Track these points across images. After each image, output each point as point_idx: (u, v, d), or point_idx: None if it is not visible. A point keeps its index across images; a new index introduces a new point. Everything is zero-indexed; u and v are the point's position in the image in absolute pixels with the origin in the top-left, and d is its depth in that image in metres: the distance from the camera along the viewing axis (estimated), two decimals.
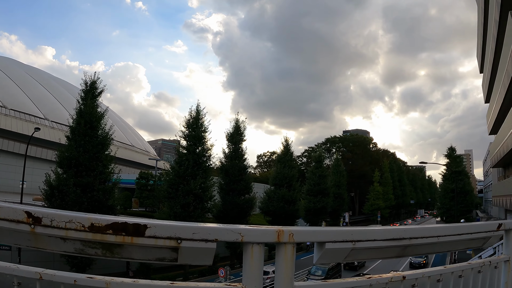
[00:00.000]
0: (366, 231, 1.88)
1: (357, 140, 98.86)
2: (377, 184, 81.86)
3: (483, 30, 38.49)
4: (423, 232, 2.12)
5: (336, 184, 63.35)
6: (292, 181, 43.92)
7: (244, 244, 1.64)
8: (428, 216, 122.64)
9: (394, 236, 1.95)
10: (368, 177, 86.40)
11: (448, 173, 51.27)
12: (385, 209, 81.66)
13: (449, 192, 50.10)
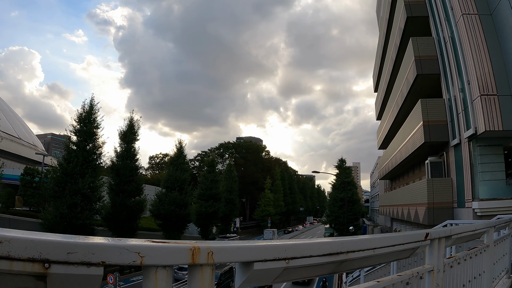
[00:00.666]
0: (301, 246, 1.66)
1: (250, 147, 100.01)
2: (268, 191, 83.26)
3: (382, 53, 41.38)
4: (360, 244, 1.98)
5: (228, 189, 63.28)
6: (184, 185, 43.28)
7: (144, 268, 1.18)
8: (317, 223, 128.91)
9: (332, 250, 1.77)
10: (260, 183, 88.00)
11: (338, 183, 54.16)
12: (276, 216, 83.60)
13: (338, 201, 53.12)
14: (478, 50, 18.82)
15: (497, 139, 19.58)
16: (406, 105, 29.65)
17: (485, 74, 18.49)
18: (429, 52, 24.58)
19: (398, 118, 33.93)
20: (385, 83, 40.10)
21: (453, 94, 22.25)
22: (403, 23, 27.38)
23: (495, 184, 19.41)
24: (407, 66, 26.90)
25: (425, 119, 23.67)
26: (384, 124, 43.43)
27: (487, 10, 19.56)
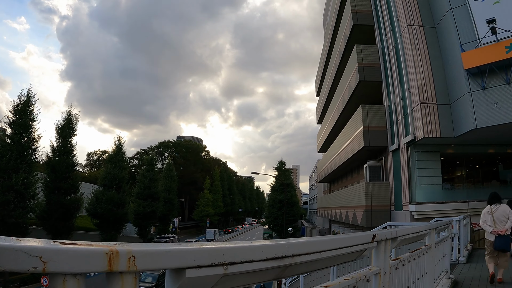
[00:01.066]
0: (241, 249, 1.49)
1: (191, 147, 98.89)
2: (208, 191, 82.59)
3: (326, 58, 42.28)
4: (307, 247, 1.84)
5: (167, 189, 61.99)
6: (122, 183, 41.71)
7: (50, 277, 0.96)
8: (256, 224, 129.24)
9: (276, 254, 1.62)
10: (199, 184, 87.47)
11: (277, 185, 54.53)
12: (215, 216, 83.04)
13: (277, 202, 53.31)
14: (420, 60, 19.62)
15: (435, 146, 20.51)
16: (347, 110, 30.36)
17: (426, 83, 19.30)
18: (372, 60, 25.39)
19: (338, 123, 34.70)
20: (327, 88, 40.90)
21: (394, 101, 23.05)
22: (348, 30, 28.05)
23: (431, 189, 20.31)
24: (350, 72, 27.62)
25: (365, 124, 24.31)
26: (325, 128, 44.35)
27: (432, 23, 20.42)
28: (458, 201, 20.40)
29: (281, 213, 50.01)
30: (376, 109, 24.86)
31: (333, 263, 2.39)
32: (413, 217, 19.82)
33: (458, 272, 9.90)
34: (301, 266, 1.87)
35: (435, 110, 18.98)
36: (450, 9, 18.67)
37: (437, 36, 20.11)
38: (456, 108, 18.55)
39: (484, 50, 16.91)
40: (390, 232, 3.39)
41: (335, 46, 35.11)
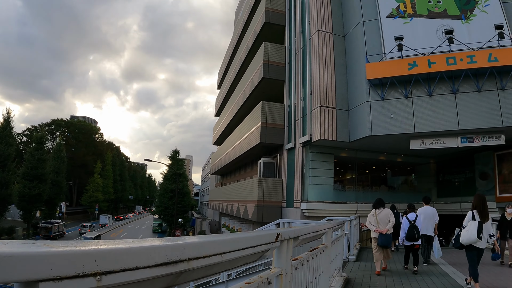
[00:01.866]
0: (122, 252, 1.09)
1: (84, 128, 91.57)
2: (98, 176, 77.93)
3: (233, 52, 41.61)
4: (206, 249, 1.50)
5: (56, 170, 57.07)
6: (8, 161, 37.98)
7: None
8: (146, 213, 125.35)
9: (168, 258, 1.26)
10: (90, 167, 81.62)
11: (169, 174, 53.13)
12: (104, 202, 78.61)
13: (168, 192, 52.05)
14: (325, 65, 19.91)
15: (330, 148, 20.99)
16: (246, 105, 30.21)
17: (328, 87, 19.64)
18: (278, 59, 25.35)
19: (236, 117, 34.49)
20: (229, 81, 40.45)
21: (294, 101, 23.21)
22: (259, 27, 27.76)
23: (323, 188, 20.77)
24: (254, 68, 27.34)
25: (264, 121, 24.21)
26: (222, 121, 43.87)
27: (342, 32, 20.84)
28: (347, 202, 21.22)
29: (172, 203, 48.76)
30: (276, 107, 24.85)
31: (234, 266, 2.03)
32: (304, 215, 20.06)
33: (349, 270, 10.16)
34: (198, 272, 1.51)
35: (333, 114, 19.36)
36: (361, 22, 19.22)
37: (345, 44, 20.58)
38: (354, 115, 19.14)
39: (388, 64, 17.70)
40: (293, 230, 3.11)
41: (243, 41, 34.67)
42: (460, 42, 16.79)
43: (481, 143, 17.17)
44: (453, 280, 8.90)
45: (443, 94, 16.97)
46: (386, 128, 17.45)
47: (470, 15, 17.89)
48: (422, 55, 17.11)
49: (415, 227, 10.11)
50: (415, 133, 17.15)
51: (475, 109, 16.43)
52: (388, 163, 25.71)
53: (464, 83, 16.73)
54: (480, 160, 21.23)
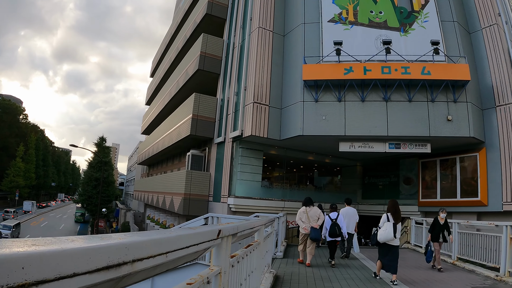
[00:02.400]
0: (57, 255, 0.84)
1: (9, 107, 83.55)
2: (20, 159, 72.17)
3: (170, 41, 40.10)
4: (152, 247, 1.32)
5: None
6: None
7: None
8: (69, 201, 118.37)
9: (111, 260, 1.02)
10: (12, 150, 74.98)
11: (95, 162, 50.59)
12: (25, 188, 72.79)
13: (93, 180, 49.49)
14: (262, 62, 19.64)
15: (260, 145, 20.82)
16: (179, 96, 29.32)
17: (263, 84, 19.40)
18: (215, 52, 24.70)
19: (168, 107, 33.44)
20: (163, 70, 39.03)
21: (227, 96, 22.78)
22: (200, 18, 26.92)
23: (251, 184, 20.55)
24: (190, 58, 26.46)
25: (195, 113, 23.51)
26: (152, 110, 42.36)
27: (282, 31, 20.69)
28: (274, 199, 21.12)
29: (96, 192, 46.35)
30: (208, 100, 24.24)
31: (174, 265, 1.74)
32: (231, 210, 19.75)
33: (277, 266, 10.23)
34: (140, 275, 1.28)
35: (266, 111, 19.15)
36: (303, 23, 19.18)
37: (284, 44, 20.46)
38: (287, 114, 19.07)
39: (325, 67, 17.82)
40: (232, 227, 3.01)
41: (182, 30, 33.50)
42: (396, 53, 17.21)
43: (408, 150, 17.84)
44: (370, 271, 9.95)
45: (375, 100, 17.34)
46: (317, 129, 17.52)
47: (409, 28, 18.54)
48: (358, 61, 17.36)
49: (336, 225, 10.91)
50: (345, 136, 17.37)
51: (405, 118, 16.97)
52: (316, 163, 26.07)
53: (397, 92, 17.23)
54: (405, 166, 22.24)
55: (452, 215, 17.75)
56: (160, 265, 1.42)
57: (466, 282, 9.11)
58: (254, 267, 4.81)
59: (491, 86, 17.86)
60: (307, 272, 9.62)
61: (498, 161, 17.11)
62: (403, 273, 9.52)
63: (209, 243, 2.17)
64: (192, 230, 1.92)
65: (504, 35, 18.42)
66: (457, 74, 16.77)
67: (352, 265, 11.08)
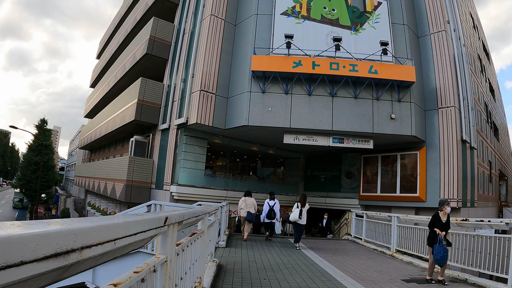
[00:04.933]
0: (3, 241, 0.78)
1: None
2: None
3: (119, 23, 38.22)
4: (100, 234, 1.22)
5: None
6: None
7: None
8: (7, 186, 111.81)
9: (60, 247, 0.97)
10: None
11: (35, 145, 48.12)
12: None
13: (32, 164, 47.12)
14: (212, 50, 19.09)
15: (204, 133, 20.36)
16: (125, 79, 28.11)
17: (210, 73, 18.88)
18: (165, 37, 23.73)
19: (112, 91, 31.99)
20: (110, 52, 37.21)
21: (175, 82, 21.97)
22: (152, 1, 25.82)
23: (194, 173, 20.10)
24: (139, 42, 25.29)
25: (141, 98, 22.61)
26: (97, 93, 40.25)
27: (234, 21, 20.23)
28: (217, 188, 20.77)
29: (36, 177, 43.87)
30: (155, 86, 23.33)
31: (121, 253, 1.62)
32: (173, 198, 19.20)
33: (220, 255, 10.22)
34: (87, 263, 1.22)
35: (212, 99, 18.70)
36: (255, 14, 18.80)
37: (235, 33, 20.00)
38: (233, 103, 18.68)
39: (274, 59, 17.55)
40: (178, 214, 2.96)
41: (132, 12, 32.01)
42: (346, 51, 17.25)
43: (351, 145, 18.04)
44: None
45: (321, 95, 17.33)
46: (263, 120, 17.28)
47: (360, 27, 18.63)
48: (308, 56, 17.24)
49: (272, 210, 14.03)
50: (290, 128, 17.25)
51: (350, 114, 17.10)
52: (259, 154, 25.87)
53: (343, 88, 17.30)
54: (348, 160, 22.62)
55: (391, 209, 18.40)
56: (108, 253, 1.36)
57: (404, 273, 9.28)
58: (198, 255, 4.82)
59: (434, 88, 18.48)
60: (250, 262, 9.64)
61: (437, 160, 17.81)
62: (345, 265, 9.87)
63: (156, 230, 2.13)
64: (140, 216, 1.86)
65: (451, 41, 19.12)
66: (403, 75, 17.09)
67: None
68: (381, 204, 19.80)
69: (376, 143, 18.26)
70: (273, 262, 9.86)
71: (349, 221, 18.19)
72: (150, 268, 2.17)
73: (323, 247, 13.72)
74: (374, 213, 15.12)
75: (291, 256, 10.97)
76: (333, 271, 8.89)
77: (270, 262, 9.76)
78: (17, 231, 0.83)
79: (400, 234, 12.30)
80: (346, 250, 13.24)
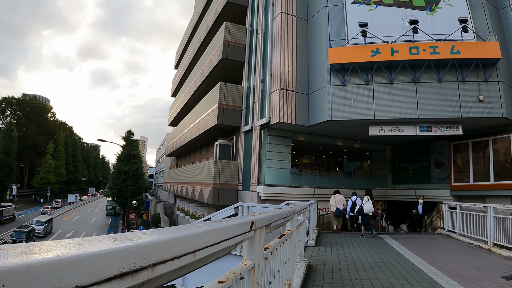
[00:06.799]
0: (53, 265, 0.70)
1: (36, 106, 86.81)
2: (50, 156, 75.30)
3: (192, 31, 40.54)
4: (176, 247, 1.16)
5: (5, 151, 54.69)
6: None
7: None
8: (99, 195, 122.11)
9: (126, 266, 0.90)
10: (41, 148, 78.52)
11: (123, 155, 51.77)
12: (56, 184, 75.88)
13: (122, 173, 50.76)
14: (287, 48, 19.61)
15: (288, 132, 20.92)
16: (204, 86, 29.68)
17: (288, 70, 19.40)
18: (239, 40, 24.85)
19: (193, 98, 33.85)
20: (187, 61, 39.54)
21: (253, 83, 22.90)
22: (221, 6, 27.11)
23: (280, 172, 20.68)
24: (214, 48, 26.70)
25: (221, 102, 23.78)
26: (178, 102, 43.01)
27: (305, 15, 20.55)
28: (304, 186, 21.26)
29: (126, 185, 47.56)
30: (234, 89, 24.44)
31: (204, 264, 1.57)
32: (260, 198, 19.97)
33: (309, 255, 10.10)
34: (163, 278, 1.12)
35: (293, 97, 19.19)
36: (326, 6, 19.01)
37: (308, 28, 20.34)
38: (314, 99, 19.05)
39: (351, 50, 17.67)
40: (265, 217, 2.85)
41: (204, 20, 33.80)
42: (424, 33, 16.92)
43: (439, 133, 17.60)
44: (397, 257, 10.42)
45: (404, 82, 17.16)
46: (346, 113, 17.50)
47: (435, 7, 18.09)
48: (385, 43, 17.17)
49: (355, 204, 15.61)
50: (374, 119, 17.27)
51: (435, 99, 16.73)
52: (345, 149, 25.95)
53: (425, 73, 16.97)
54: (436, 149, 21.91)
55: (486, 199, 17.63)
56: (187, 266, 1.30)
57: (503, 269, 8.74)
58: (287, 257, 4.72)
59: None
60: (340, 260, 9.59)
61: None
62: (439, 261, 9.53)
63: (242, 237, 2.06)
64: (223, 223, 1.79)
65: None
66: (488, 52, 16.37)
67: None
68: (474, 194, 18.83)
69: (465, 128, 17.47)
70: (364, 260, 9.70)
71: (441, 213, 17.48)
72: (236, 276, 2.09)
73: (415, 242, 13.28)
74: (468, 204, 14.13)
75: (382, 254, 10.73)
76: (427, 269, 8.64)
77: (361, 261, 9.61)
78: (70, 252, 0.77)
79: (497, 226, 11.54)
80: (439, 245, 12.82)
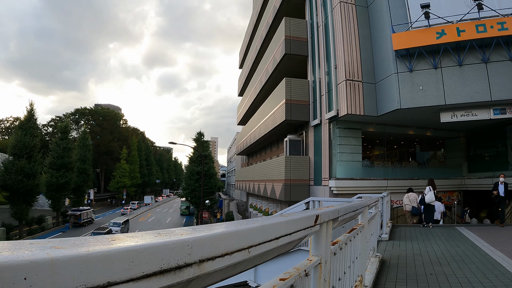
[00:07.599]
0: (82, 260, 0.69)
1: (108, 115, 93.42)
2: (124, 161, 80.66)
3: (253, 30, 41.50)
4: (226, 242, 1.11)
5: (82, 158, 59.20)
6: (33, 152, 39.12)
7: None
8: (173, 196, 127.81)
9: (168, 262, 0.87)
10: (116, 153, 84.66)
11: (195, 156, 53.72)
12: (131, 187, 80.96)
13: (194, 174, 52.73)
14: (349, 37, 19.61)
15: (357, 123, 20.90)
16: (270, 83, 30.20)
17: (353, 61, 19.39)
18: (300, 34, 25.09)
19: (260, 95, 34.55)
20: (251, 60, 40.42)
21: (319, 77, 23.04)
22: (279, 2, 27.53)
23: (351, 165, 20.72)
24: (276, 44, 27.16)
25: (288, 98, 24.14)
26: (245, 101, 44.07)
27: (365, 3, 20.37)
28: (376, 178, 21.19)
29: (199, 185, 49.55)
30: (300, 83, 24.72)
31: (264, 260, 1.55)
32: (333, 193, 20.10)
33: (382, 249, 9.99)
34: (214, 275, 1.11)
35: (360, 87, 19.15)
36: None
37: (369, 15, 20.17)
38: (381, 88, 18.89)
39: (415, 33, 17.29)
40: (332, 211, 2.73)
41: (263, 18, 34.47)
42: (490, 9, 16.20)
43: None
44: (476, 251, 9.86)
45: (473, 63, 16.54)
46: (415, 100, 17.19)
47: None
48: (450, 23, 16.65)
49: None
50: (445, 105, 16.84)
51: (508, 79, 15.97)
52: (417, 138, 25.31)
53: (495, 51, 16.25)
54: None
55: None
56: (242, 262, 1.25)
57: None
58: (358, 252, 4.64)
59: None
60: (415, 255, 9.36)
61: None
62: None
63: (305, 232, 1.98)
64: (282, 217, 1.71)
65: None
66: None
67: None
68: None
69: None
70: (440, 254, 9.40)
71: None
72: (300, 273, 2.00)
73: (494, 234, 12.55)
74: None
75: (459, 247, 10.33)
76: (508, 264, 8.19)
77: (437, 255, 9.35)
78: (102, 248, 0.74)
79: None
80: None
